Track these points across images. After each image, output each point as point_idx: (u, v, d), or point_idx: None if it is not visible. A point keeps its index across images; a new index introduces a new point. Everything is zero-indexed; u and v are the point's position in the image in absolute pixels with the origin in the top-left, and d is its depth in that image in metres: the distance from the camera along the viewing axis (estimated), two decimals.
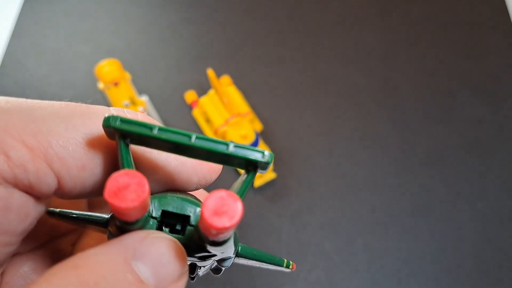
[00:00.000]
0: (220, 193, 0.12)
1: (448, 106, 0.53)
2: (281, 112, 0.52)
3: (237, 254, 0.16)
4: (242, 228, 0.45)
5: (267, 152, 0.14)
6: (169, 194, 0.14)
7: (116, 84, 0.46)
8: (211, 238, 0.12)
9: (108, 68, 0.46)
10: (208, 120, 0.49)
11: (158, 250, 0.13)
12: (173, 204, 0.14)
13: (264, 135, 0.50)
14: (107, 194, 0.11)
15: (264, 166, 0.14)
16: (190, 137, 0.13)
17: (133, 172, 0.12)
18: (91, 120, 0.14)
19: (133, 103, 0.46)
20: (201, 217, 0.12)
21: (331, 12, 0.59)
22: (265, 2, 0.60)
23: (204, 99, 0.49)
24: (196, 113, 0.50)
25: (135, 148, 0.14)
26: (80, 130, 0.14)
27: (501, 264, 0.44)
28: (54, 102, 0.14)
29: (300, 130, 0.51)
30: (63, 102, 0.14)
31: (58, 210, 0.16)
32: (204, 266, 0.15)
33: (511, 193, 0.48)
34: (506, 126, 0.51)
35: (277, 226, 0.45)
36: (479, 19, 0.59)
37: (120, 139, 0.13)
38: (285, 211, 0.46)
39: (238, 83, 0.52)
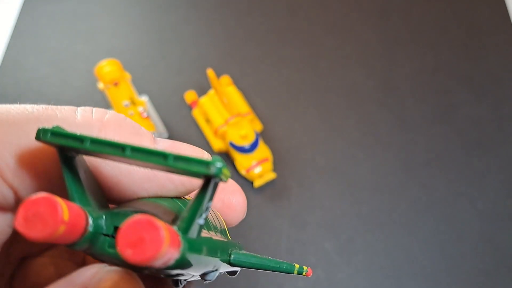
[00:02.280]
0: (138, 219, 0.10)
1: (448, 106, 0.53)
2: (281, 112, 0.52)
3: (231, 264, 0.14)
4: (242, 228, 0.45)
5: (219, 164, 0.11)
6: (123, 209, 0.13)
7: (116, 84, 0.46)
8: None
9: (108, 68, 0.46)
10: (208, 120, 0.49)
11: (110, 284, 0.11)
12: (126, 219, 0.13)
13: (264, 135, 0.50)
14: (17, 222, 0.10)
15: (217, 178, 0.11)
16: (124, 149, 0.11)
17: (46, 196, 0.10)
18: (47, 124, 0.13)
19: (133, 103, 0.46)
20: None
21: (332, 12, 0.59)
22: (265, 2, 0.60)
23: (204, 99, 0.49)
24: (196, 113, 0.50)
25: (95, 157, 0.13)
26: (33, 136, 0.12)
27: (501, 264, 0.44)
28: (13, 106, 0.13)
29: (300, 130, 0.51)
30: (21, 106, 0.13)
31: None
32: (186, 279, 0.14)
33: (511, 193, 0.48)
34: (506, 126, 0.51)
35: (277, 226, 0.45)
36: (479, 19, 0.59)
37: (59, 153, 0.12)
38: (285, 211, 0.46)
39: (238, 83, 0.52)
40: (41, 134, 0.12)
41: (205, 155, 0.15)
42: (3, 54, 0.55)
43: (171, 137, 0.50)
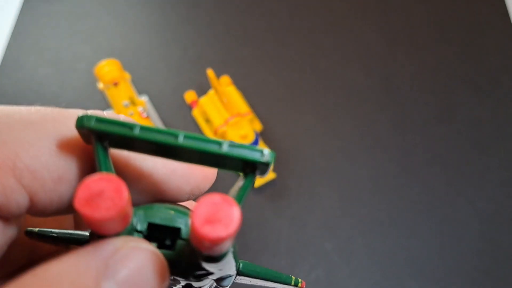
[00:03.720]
0: (213, 198, 0.10)
1: (448, 106, 0.53)
2: (281, 112, 0.52)
3: (238, 272, 0.14)
4: (241, 229, 0.45)
5: (266, 151, 0.11)
6: (157, 204, 0.13)
7: (115, 84, 0.46)
8: (205, 253, 0.11)
9: (107, 68, 0.46)
10: (208, 120, 0.49)
11: (134, 264, 0.11)
12: (161, 216, 0.12)
13: (264, 135, 0.50)
14: (77, 202, 0.10)
15: (263, 167, 0.12)
16: (177, 136, 0.11)
17: (108, 176, 0.10)
18: (65, 124, 0.12)
19: (133, 103, 0.46)
20: (191, 226, 0.10)
21: (331, 11, 0.59)
22: (265, 2, 0.60)
23: (204, 99, 0.49)
24: (196, 113, 0.50)
25: (116, 155, 0.13)
26: (53, 136, 0.12)
27: (501, 264, 0.44)
28: (22, 107, 0.12)
29: (300, 130, 0.51)
30: (32, 107, 0.12)
31: (36, 229, 0.14)
32: (201, 287, 0.14)
33: (511, 193, 0.48)
34: (506, 126, 0.51)
35: (277, 226, 0.45)
36: (479, 19, 0.59)
37: (96, 141, 0.11)
38: (285, 211, 0.46)
39: (238, 83, 0.52)
40: (84, 120, 0.11)
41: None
42: (3, 54, 0.55)
43: None
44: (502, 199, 0.47)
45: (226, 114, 0.47)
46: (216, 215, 0.10)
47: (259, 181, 0.46)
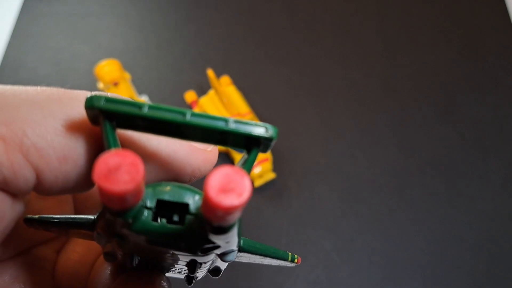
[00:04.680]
0: (225, 169, 0.10)
1: (448, 106, 0.53)
2: (281, 112, 0.52)
3: (240, 249, 0.15)
4: (242, 228, 0.45)
5: (270, 126, 0.12)
6: (164, 182, 0.13)
7: (115, 84, 0.46)
8: (216, 223, 0.11)
9: (107, 68, 0.46)
10: None
11: None
12: (169, 192, 0.13)
13: None
14: (97, 176, 0.10)
15: (267, 143, 0.12)
16: (184, 114, 0.12)
17: (124, 151, 0.10)
18: (71, 105, 0.13)
19: None
20: (205, 197, 0.10)
21: (331, 11, 0.59)
22: (265, 2, 0.60)
23: (204, 99, 0.49)
24: None
25: (121, 136, 0.13)
26: (59, 117, 0.12)
27: (501, 264, 0.44)
28: (29, 87, 0.13)
29: (300, 130, 0.51)
30: (38, 87, 0.13)
31: (36, 216, 0.14)
32: (205, 263, 0.14)
33: (511, 193, 0.48)
34: (506, 126, 0.51)
35: (277, 226, 0.45)
36: (479, 19, 0.59)
37: (105, 121, 0.12)
38: (285, 211, 0.46)
39: (238, 83, 0.52)
40: (94, 100, 0.11)
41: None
42: (3, 54, 0.55)
43: None
44: (502, 199, 0.47)
45: (226, 114, 0.47)
46: (229, 185, 0.10)
47: (259, 181, 0.46)
